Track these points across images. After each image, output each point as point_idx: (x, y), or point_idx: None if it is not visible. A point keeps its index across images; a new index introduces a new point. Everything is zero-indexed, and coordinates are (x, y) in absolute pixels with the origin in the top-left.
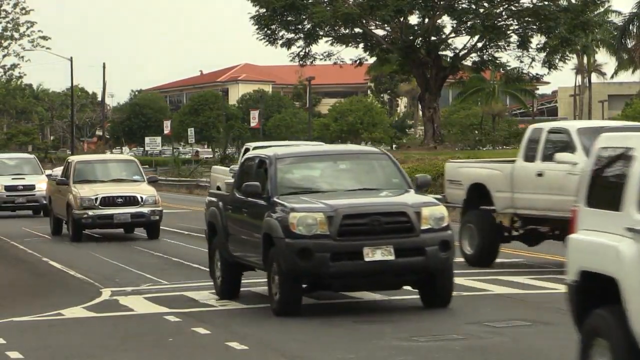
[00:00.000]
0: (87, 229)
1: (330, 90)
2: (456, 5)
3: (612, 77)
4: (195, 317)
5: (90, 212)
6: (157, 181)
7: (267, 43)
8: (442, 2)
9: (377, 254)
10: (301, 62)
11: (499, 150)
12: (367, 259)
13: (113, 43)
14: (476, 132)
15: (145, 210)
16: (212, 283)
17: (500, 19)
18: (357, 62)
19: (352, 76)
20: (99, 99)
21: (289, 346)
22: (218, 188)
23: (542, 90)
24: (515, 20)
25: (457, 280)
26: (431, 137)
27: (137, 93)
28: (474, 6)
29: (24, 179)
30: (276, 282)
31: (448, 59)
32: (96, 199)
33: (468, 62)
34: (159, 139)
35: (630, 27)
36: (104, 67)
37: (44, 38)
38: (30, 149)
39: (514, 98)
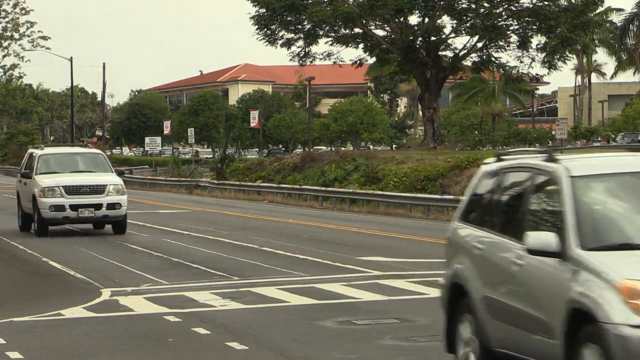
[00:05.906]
0: None
1: (330, 90)
2: (456, 5)
3: (612, 77)
4: (195, 317)
5: None
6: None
7: (267, 43)
8: (442, 2)
9: (85, 212)
10: (301, 62)
11: (499, 150)
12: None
13: (113, 43)
14: (476, 132)
15: None
16: (212, 283)
17: (500, 19)
18: (357, 62)
19: (352, 76)
20: (99, 99)
21: (289, 346)
22: None
23: (542, 90)
24: (515, 20)
25: None
26: (431, 137)
27: (137, 93)
28: (474, 6)
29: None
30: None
31: (448, 59)
32: None
33: (468, 62)
34: (158, 139)
35: (631, 27)
36: (104, 67)
37: (44, 38)
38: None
39: (514, 98)
